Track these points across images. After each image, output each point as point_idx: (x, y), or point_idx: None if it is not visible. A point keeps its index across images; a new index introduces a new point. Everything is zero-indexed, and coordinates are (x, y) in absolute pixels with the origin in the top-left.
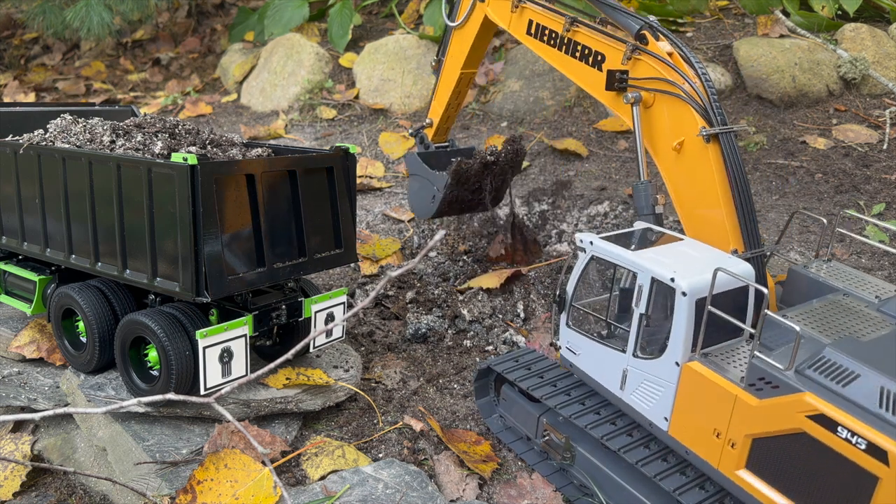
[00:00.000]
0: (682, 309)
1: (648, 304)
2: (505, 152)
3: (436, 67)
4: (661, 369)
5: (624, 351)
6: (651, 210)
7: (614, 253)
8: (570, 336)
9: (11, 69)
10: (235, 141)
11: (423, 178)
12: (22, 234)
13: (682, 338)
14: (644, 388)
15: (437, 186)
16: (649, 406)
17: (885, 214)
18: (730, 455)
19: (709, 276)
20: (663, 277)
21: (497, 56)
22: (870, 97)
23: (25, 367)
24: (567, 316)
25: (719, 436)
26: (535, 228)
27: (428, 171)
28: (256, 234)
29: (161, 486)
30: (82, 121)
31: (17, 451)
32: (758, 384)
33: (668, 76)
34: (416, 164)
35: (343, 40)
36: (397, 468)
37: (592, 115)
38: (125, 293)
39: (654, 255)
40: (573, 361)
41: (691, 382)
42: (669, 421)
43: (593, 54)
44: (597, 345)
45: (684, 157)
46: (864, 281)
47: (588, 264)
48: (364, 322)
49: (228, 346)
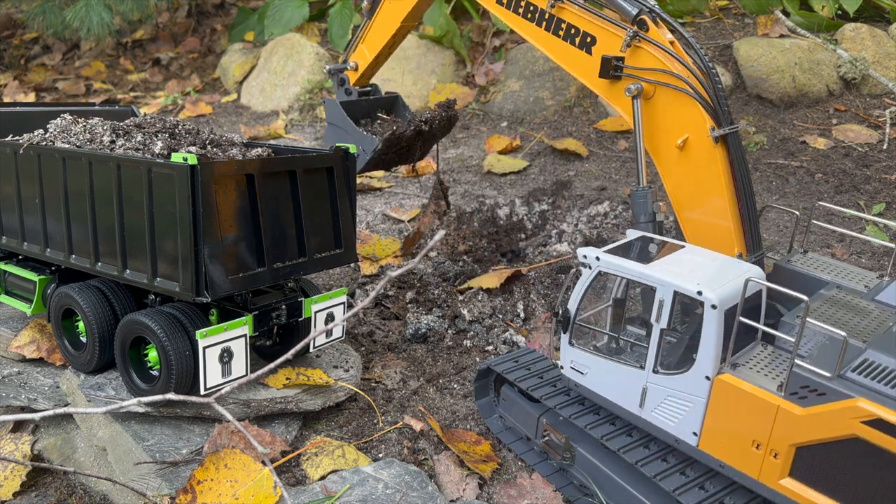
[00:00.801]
0: (711, 321)
1: (670, 319)
2: (439, 119)
3: (369, 8)
4: (689, 384)
5: (642, 367)
6: (650, 218)
7: (626, 268)
8: (575, 355)
9: (11, 69)
10: (235, 141)
11: (345, 133)
12: (22, 234)
13: (712, 351)
14: (668, 405)
15: (363, 147)
16: (675, 422)
17: (885, 214)
18: (772, 465)
19: (733, 286)
20: (688, 291)
21: (497, 56)
22: (870, 97)
23: (25, 367)
24: (570, 335)
25: (759, 447)
26: (534, 228)
27: (354, 129)
28: (256, 234)
29: (161, 486)
30: (82, 121)
31: (17, 450)
32: (800, 392)
33: (671, 67)
34: (339, 117)
35: (343, 40)
36: (397, 468)
37: (592, 115)
38: (125, 293)
39: (669, 267)
40: (579, 381)
41: (724, 395)
42: (699, 436)
43: (581, 35)
44: (608, 363)
45: (689, 156)
46: (845, 271)
47: (592, 280)
48: (364, 322)
49: (228, 346)
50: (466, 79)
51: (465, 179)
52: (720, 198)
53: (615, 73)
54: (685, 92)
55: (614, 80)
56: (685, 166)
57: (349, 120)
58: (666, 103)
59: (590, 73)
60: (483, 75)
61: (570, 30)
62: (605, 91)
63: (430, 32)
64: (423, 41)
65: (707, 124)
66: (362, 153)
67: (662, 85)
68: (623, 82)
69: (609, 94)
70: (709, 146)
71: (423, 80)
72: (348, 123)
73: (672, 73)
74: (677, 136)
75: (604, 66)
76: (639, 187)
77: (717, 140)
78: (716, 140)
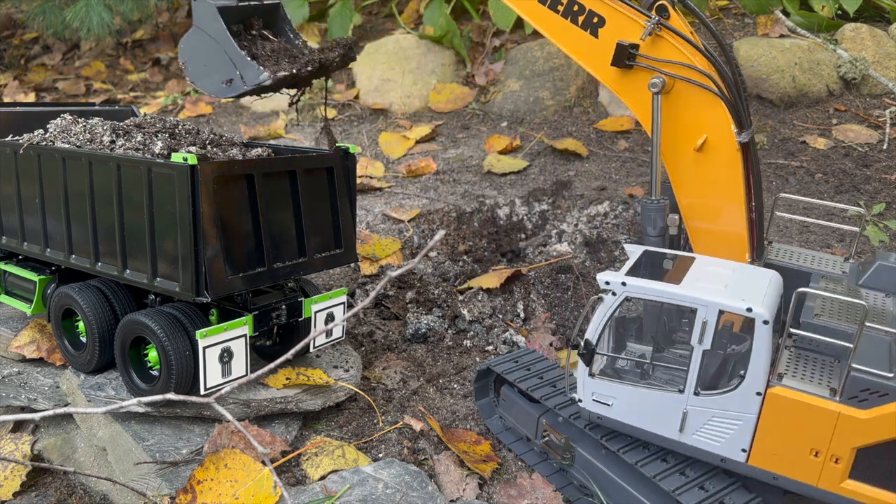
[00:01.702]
0: (762, 337)
1: (714, 340)
2: (339, 58)
3: None
4: (737, 402)
5: (681, 391)
6: (661, 232)
7: (657, 290)
8: (598, 387)
9: (11, 69)
10: (235, 141)
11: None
12: (22, 234)
13: (763, 366)
14: (713, 425)
15: (242, 74)
16: (722, 442)
17: (885, 214)
18: (832, 470)
19: (772, 297)
20: (736, 309)
21: (497, 56)
22: (870, 97)
23: (25, 367)
24: (591, 366)
25: (818, 454)
26: (534, 228)
27: (235, 51)
28: (256, 234)
29: (161, 486)
30: (82, 121)
31: (17, 450)
32: (860, 396)
33: (694, 61)
34: (216, 28)
35: None
36: (397, 468)
37: (592, 115)
38: (125, 293)
39: (702, 284)
40: (604, 413)
41: (778, 409)
42: (749, 452)
43: (587, 14)
44: (641, 390)
45: (708, 160)
46: (815, 258)
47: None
48: (364, 322)
49: (228, 346)
50: (466, 79)
51: (465, 179)
52: (737, 204)
53: (628, 63)
54: (708, 89)
55: (626, 71)
56: (703, 171)
57: (230, 38)
58: (686, 101)
59: (594, 59)
60: (483, 75)
61: (572, 6)
62: (615, 81)
63: (430, 32)
64: (423, 41)
65: (731, 126)
66: (237, 80)
67: (683, 80)
68: (637, 74)
69: (619, 86)
70: (732, 149)
71: (423, 80)
72: (228, 41)
73: (696, 69)
74: (696, 137)
75: (618, 54)
76: (651, 199)
77: (742, 144)
78: (741, 144)
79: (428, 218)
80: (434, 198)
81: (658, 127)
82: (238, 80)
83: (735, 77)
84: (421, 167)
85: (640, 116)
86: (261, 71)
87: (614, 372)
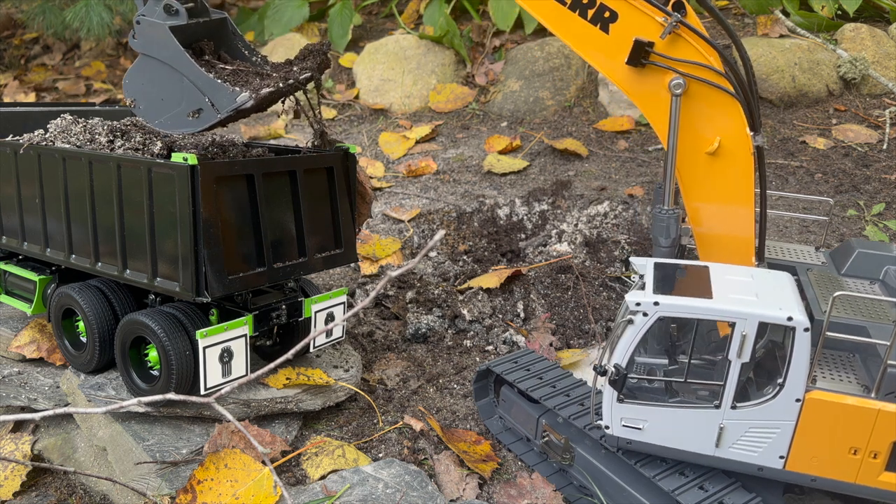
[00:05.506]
0: (802, 344)
1: (753, 353)
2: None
3: None
4: (776, 410)
5: (717, 406)
6: (672, 242)
7: (692, 307)
8: (626, 412)
9: (11, 69)
10: (235, 141)
11: (177, 76)
12: (22, 234)
13: (802, 373)
14: (750, 437)
15: (213, 101)
16: (759, 452)
17: (885, 214)
18: (871, 466)
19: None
20: (777, 319)
21: (497, 56)
22: (870, 97)
23: (25, 367)
24: (620, 391)
25: (857, 452)
26: (534, 228)
27: (200, 75)
28: (256, 234)
29: (161, 486)
30: (82, 121)
31: (17, 450)
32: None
33: (712, 61)
34: (170, 50)
35: (343, 40)
36: (397, 468)
37: (592, 116)
38: (125, 293)
39: (733, 296)
40: (636, 438)
41: (817, 412)
42: (787, 458)
43: (598, 8)
44: (675, 410)
45: (722, 164)
46: (791, 250)
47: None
48: (364, 322)
49: (228, 346)
50: (466, 79)
51: (465, 179)
52: (747, 208)
53: (644, 61)
54: (726, 91)
55: (638, 70)
56: (715, 174)
57: (191, 60)
58: (701, 102)
59: (604, 56)
60: (483, 75)
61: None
62: (625, 80)
63: (430, 32)
64: (423, 41)
65: (746, 129)
66: (207, 108)
67: (700, 81)
68: (650, 73)
69: (629, 85)
70: (746, 153)
71: (423, 80)
72: (189, 64)
73: (714, 69)
74: (710, 140)
75: (635, 52)
76: (664, 208)
77: (756, 147)
78: (756, 147)
79: (428, 218)
80: (434, 198)
81: (675, 130)
82: (209, 109)
83: (750, 78)
84: (421, 167)
85: (651, 117)
86: (237, 92)
87: (643, 394)
